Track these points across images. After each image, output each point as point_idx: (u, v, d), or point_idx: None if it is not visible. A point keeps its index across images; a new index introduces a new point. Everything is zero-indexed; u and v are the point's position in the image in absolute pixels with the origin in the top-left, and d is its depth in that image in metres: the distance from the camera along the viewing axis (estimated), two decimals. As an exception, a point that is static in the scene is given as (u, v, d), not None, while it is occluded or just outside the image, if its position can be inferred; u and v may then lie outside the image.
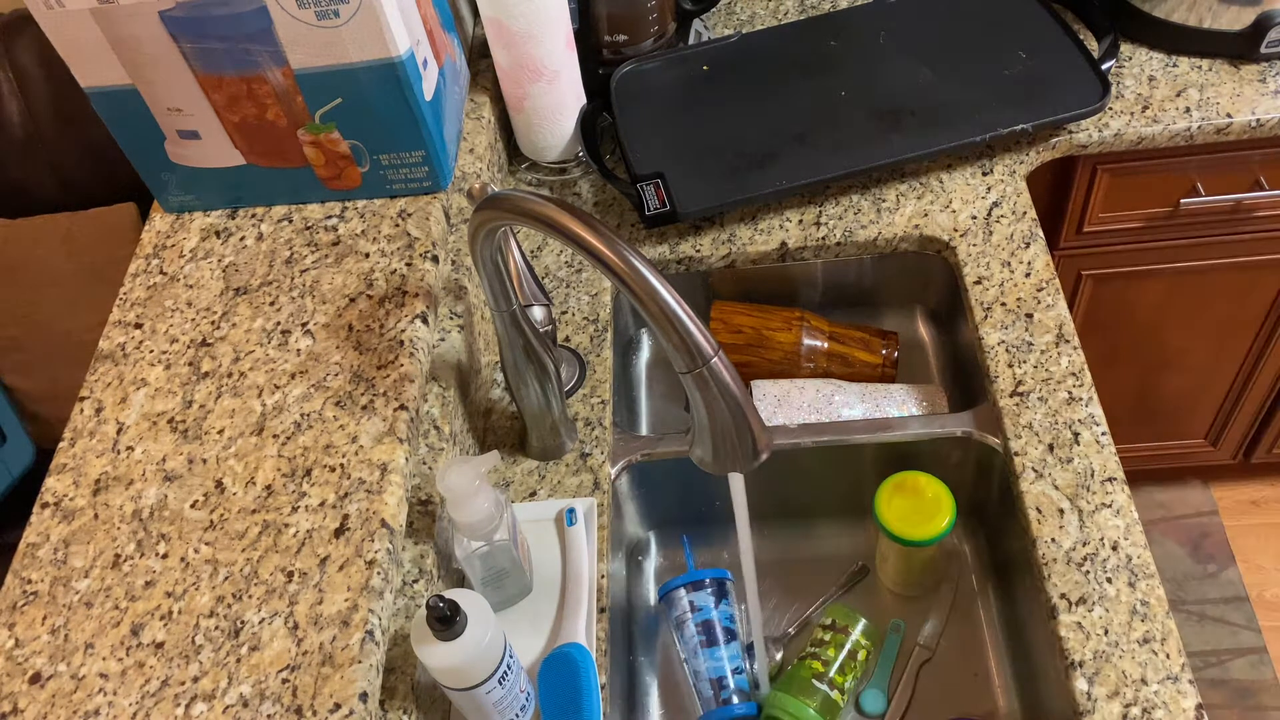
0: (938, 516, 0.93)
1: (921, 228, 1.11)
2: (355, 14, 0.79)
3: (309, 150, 0.90)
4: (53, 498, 0.77)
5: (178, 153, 0.92)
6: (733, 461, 0.72)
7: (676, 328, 0.66)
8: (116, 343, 0.86)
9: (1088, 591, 0.85)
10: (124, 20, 0.81)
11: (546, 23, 1.05)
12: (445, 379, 0.89)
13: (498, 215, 0.72)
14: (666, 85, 1.20)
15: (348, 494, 0.74)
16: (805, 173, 1.09)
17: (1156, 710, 0.79)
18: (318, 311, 0.86)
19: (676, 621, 0.96)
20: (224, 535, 0.73)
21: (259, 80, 0.85)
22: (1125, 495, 0.90)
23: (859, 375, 1.11)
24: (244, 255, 0.91)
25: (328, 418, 0.78)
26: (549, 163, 1.19)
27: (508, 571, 0.84)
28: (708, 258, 1.12)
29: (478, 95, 1.14)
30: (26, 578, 0.73)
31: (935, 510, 0.93)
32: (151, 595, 0.70)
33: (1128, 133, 1.16)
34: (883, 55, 1.19)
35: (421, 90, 0.87)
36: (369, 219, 0.93)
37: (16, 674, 0.68)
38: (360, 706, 0.64)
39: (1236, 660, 1.70)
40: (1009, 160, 1.16)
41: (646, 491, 1.04)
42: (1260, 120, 1.15)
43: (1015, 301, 1.03)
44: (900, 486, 0.95)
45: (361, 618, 0.68)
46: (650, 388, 1.18)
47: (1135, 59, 1.23)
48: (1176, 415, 1.64)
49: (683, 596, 0.96)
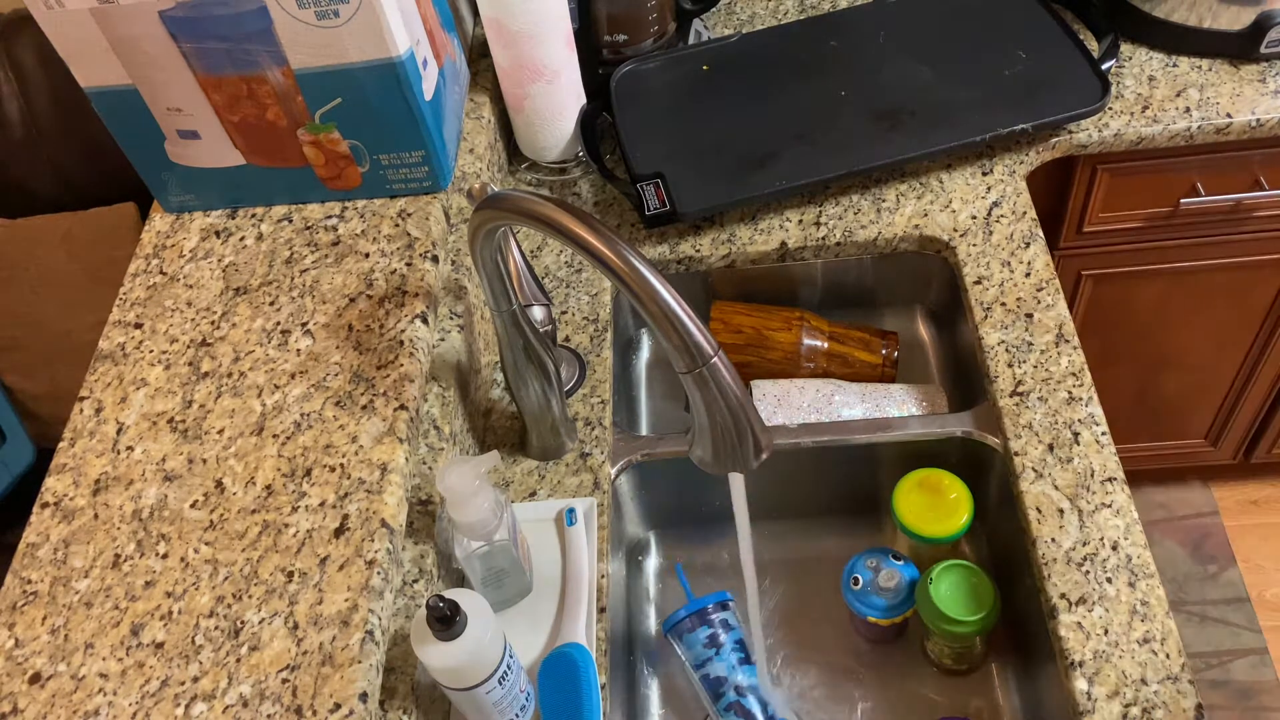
0: (954, 516, 0.92)
1: (921, 228, 1.11)
2: (355, 14, 0.79)
3: (309, 150, 0.90)
4: (53, 498, 0.77)
5: (177, 153, 0.92)
6: (733, 461, 0.72)
7: (676, 328, 0.66)
8: (116, 343, 0.86)
9: (1088, 591, 0.85)
10: (124, 20, 0.81)
11: (546, 23, 1.05)
12: (445, 379, 0.89)
13: (498, 215, 0.72)
14: (666, 85, 1.20)
15: (348, 494, 0.74)
16: (805, 173, 1.09)
17: (1156, 710, 0.79)
18: (318, 311, 0.86)
19: (708, 641, 0.94)
20: (224, 535, 0.73)
21: (259, 80, 0.85)
22: (1125, 495, 0.90)
23: (859, 375, 1.11)
24: (244, 255, 0.91)
25: (328, 418, 0.78)
26: (549, 163, 1.19)
27: (507, 571, 0.84)
28: (708, 258, 1.12)
29: (478, 95, 1.14)
30: (26, 578, 0.73)
31: (953, 510, 0.93)
32: (151, 595, 0.70)
33: (1128, 133, 1.16)
34: (883, 55, 1.19)
35: (421, 90, 0.87)
36: (369, 219, 0.93)
37: (16, 674, 0.68)
38: (360, 706, 0.64)
39: (1237, 661, 1.70)
40: (1009, 160, 1.16)
41: (646, 491, 1.04)
42: (1260, 120, 1.15)
43: (1015, 301, 1.03)
44: (922, 483, 0.94)
45: (361, 618, 0.68)
46: (650, 388, 1.18)
47: (1135, 59, 1.23)
48: (1177, 415, 1.64)
49: (711, 615, 0.95)
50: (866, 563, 0.94)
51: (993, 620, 0.89)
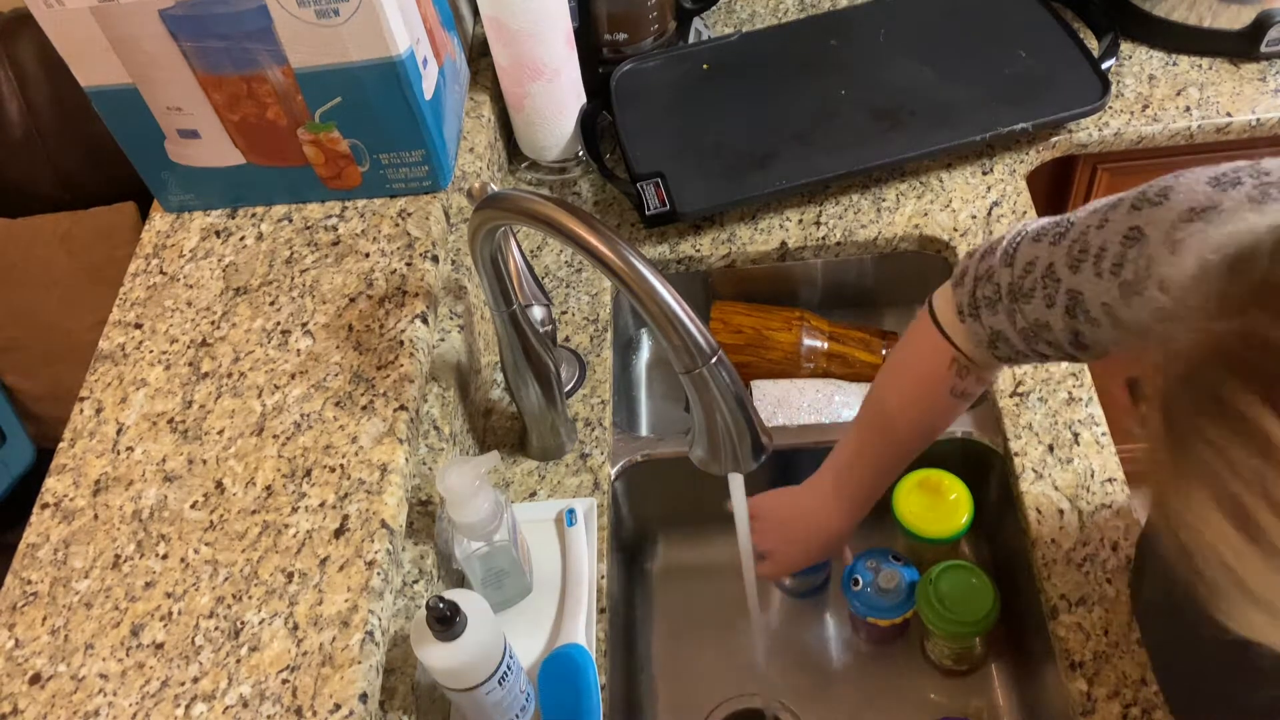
0: (954, 516, 0.92)
1: (921, 227, 1.10)
2: (355, 13, 0.79)
3: (309, 149, 0.90)
4: (53, 498, 0.77)
5: (178, 152, 0.91)
6: (733, 461, 0.72)
7: (676, 328, 0.66)
8: (116, 343, 0.86)
9: (1088, 591, 0.85)
10: (124, 19, 0.81)
11: (546, 21, 1.05)
12: (445, 379, 0.89)
13: (498, 215, 0.72)
14: (666, 84, 1.20)
15: (348, 494, 0.74)
16: (805, 172, 1.08)
17: (1156, 711, 0.78)
18: (318, 311, 0.86)
19: None
20: (224, 536, 0.73)
21: (259, 79, 0.85)
22: (1125, 495, 0.90)
23: (859, 375, 1.11)
24: (244, 255, 0.91)
25: (327, 418, 0.78)
26: (549, 162, 1.19)
27: (507, 572, 0.84)
28: (708, 258, 1.12)
29: (478, 94, 1.14)
30: (26, 578, 0.73)
31: (953, 510, 0.93)
32: (151, 596, 0.70)
33: (1128, 132, 1.16)
34: (883, 54, 1.19)
35: (421, 89, 0.87)
36: (369, 219, 0.93)
37: (16, 674, 0.68)
38: (360, 707, 0.64)
39: (1237, 660, 1.69)
40: (1009, 159, 1.16)
41: (646, 491, 1.04)
42: (1260, 119, 1.15)
43: (1015, 301, 1.03)
44: (922, 484, 0.94)
45: (361, 618, 0.68)
46: (650, 388, 1.18)
47: (1135, 58, 1.23)
48: (1177, 415, 1.63)
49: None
50: (866, 564, 0.94)
51: (993, 620, 0.88)
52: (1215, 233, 0.46)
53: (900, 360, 0.81)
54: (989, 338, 0.70)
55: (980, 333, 0.71)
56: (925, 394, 0.78)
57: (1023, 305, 0.67)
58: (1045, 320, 0.66)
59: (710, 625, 1.03)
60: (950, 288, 0.74)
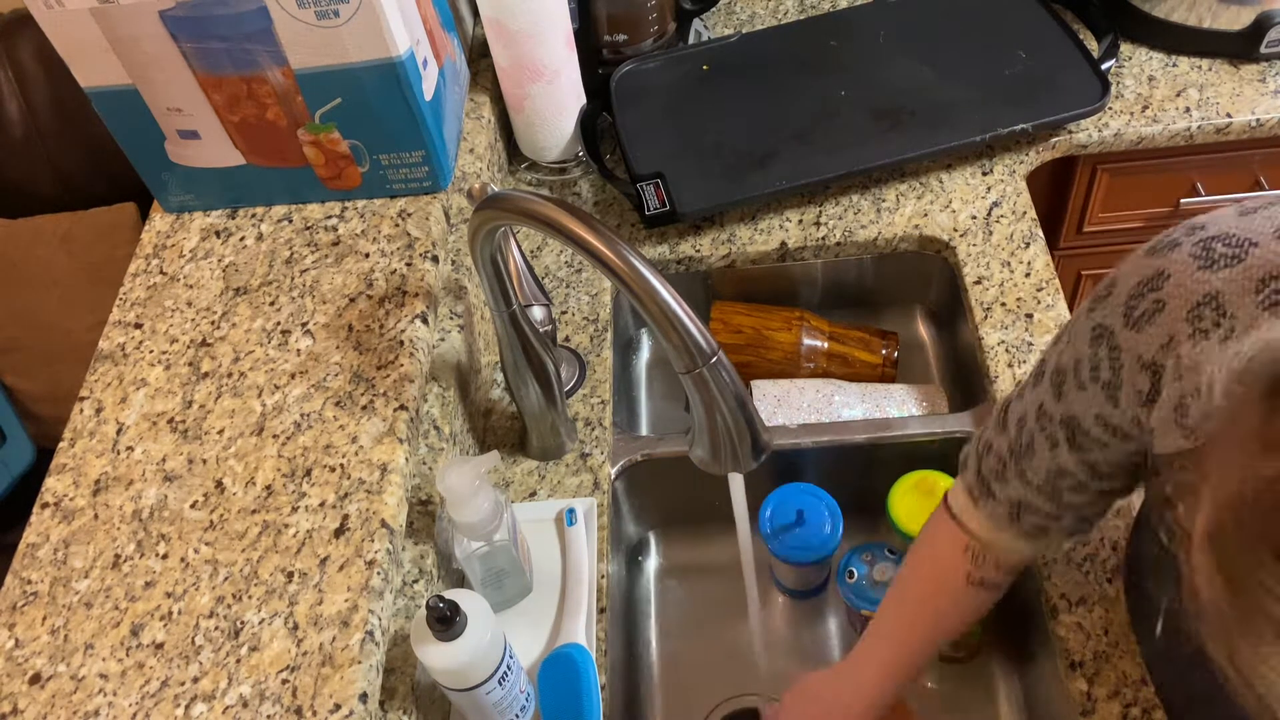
0: None
1: (921, 228, 1.11)
2: (355, 14, 0.79)
3: (309, 150, 0.90)
4: (53, 498, 0.77)
5: (178, 153, 0.91)
6: (733, 461, 0.72)
7: (676, 328, 0.66)
8: (116, 343, 0.86)
9: (1088, 591, 0.85)
10: (124, 20, 0.81)
11: (546, 22, 1.05)
12: (445, 379, 0.89)
13: (498, 215, 0.72)
14: (666, 85, 1.20)
15: (348, 494, 0.74)
16: (805, 173, 1.08)
17: (1156, 710, 0.79)
18: (318, 311, 0.86)
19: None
20: (224, 535, 0.73)
21: (259, 80, 0.85)
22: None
23: (859, 375, 1.11)
24: (244, 255, 0.91)
25: (328, 418, 0.78)
26: (549, 163, 1.19)
27: (507, 572, 0.84)
28: (708, 258, 1.12)
29: (478, 95, 1.14)
30: (26, 578, 0.73)
31: None
32: (151, 596, 0.70)
33: (1128, 132, 1.16)
34: (882, 55, 1.19)
35: (421, 90, 0.87)
36: (369, 219, 0.93)
37: (16, 674, 0.68)
38: (360, 707, 0.64)
39: (1236, 660, 1.69)
40: (1009, 160, 1.16)
41: (646, 491, 1.04)
42: (1260, 120, 1.15)
43: (1015, 301, 1.03)
44: (918, 485, 0.94)
45: (361, 618, 0.68)
46: (650, 388, 1.18)
47: (1135, 59, 1.23)
48: (1176, 415, 1.63)
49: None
50: (861, 556, 0.94)
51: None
52: (1233, 355, 0.43)
53: (916, 554, 0.79)
54: (1009, 511, 0.69)
55: (999, 511, 0.69)
56: (943, 584, 0.76)
57: (1029, 462, 0.65)
58: (1056, 465, 0.64)
59: (710, 625, 1.03)
60: (959, 479, 0.73)
